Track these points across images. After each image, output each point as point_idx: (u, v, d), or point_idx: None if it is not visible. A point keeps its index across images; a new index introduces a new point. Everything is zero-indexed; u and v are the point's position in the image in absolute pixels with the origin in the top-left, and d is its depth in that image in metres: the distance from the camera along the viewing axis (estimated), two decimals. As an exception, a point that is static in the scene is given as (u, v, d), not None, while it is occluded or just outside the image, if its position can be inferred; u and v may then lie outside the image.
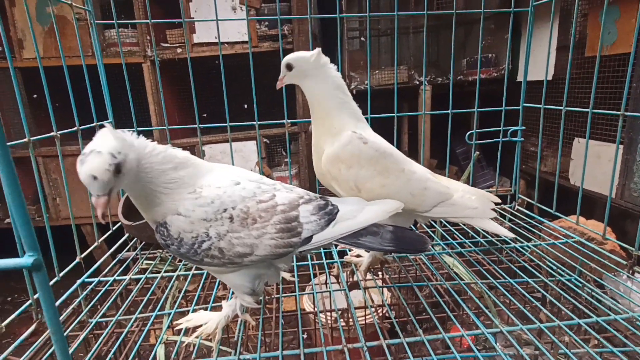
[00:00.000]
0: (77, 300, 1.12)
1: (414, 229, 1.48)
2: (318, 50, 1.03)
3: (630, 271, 1.12)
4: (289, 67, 1.03)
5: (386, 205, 0.90)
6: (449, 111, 1.54)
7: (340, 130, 1.03)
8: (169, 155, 0.79)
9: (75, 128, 1.19)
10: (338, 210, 0.87)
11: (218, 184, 0.82)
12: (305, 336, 1.13)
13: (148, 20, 1.36)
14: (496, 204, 1.12)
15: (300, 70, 1.03)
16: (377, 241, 0.85)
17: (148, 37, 3.15)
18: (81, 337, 1.01)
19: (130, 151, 0.70)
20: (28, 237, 0.30)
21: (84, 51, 1.35)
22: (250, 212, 0.81)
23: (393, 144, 1.14)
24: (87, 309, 1.09)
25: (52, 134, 1.05)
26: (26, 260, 0.29)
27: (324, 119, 1.05)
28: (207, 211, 0.79)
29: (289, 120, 1.46)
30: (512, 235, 1.15)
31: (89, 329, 1.03)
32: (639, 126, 2.31)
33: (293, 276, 1.20)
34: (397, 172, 1.04)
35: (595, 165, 2.62)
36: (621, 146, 2.44)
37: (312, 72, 1.02)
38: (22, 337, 0.90)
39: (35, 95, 3.36)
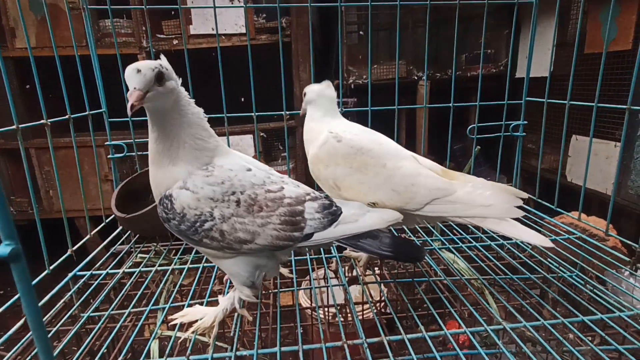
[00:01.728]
0: (69, 294, 1.09)
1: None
2: (327, 82, 1.17)
3: (634, 268, 1.10)
4: (304, 94, 1.19)
5: (387, 214, 0.90)
6: (450, 104, 1.52)
7: (319, 133, 1.09)
8: (203, 117, 0.85)
9: (67, 116, 1.15)
10: (341, 212, 0.86)
11: (230, 166, 0.83)
12: (301, 331, 1.10)
13: (143, 6, 1.32)
14: (523, 199, 0.92)
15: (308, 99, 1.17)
16: (376, 245, 0.85)
17: (143, 28, 3.09)
18: (72, 332, 0.98)
19: (174, 81, 0.78)
20: (5, 225, 0.27)
21: (77, 41, 1.32)
22: (258, 200, 0.81)
23: (393, 138, 1.12)
24: (78, 302, 1.05)
25: (42, 121, 1.02)
26: (2, 249, 0.26)
27: (307, 125, 1.15)
28: (216, 191, 0.78)
29: (287, 112, 1.43)
30: (550, 243, 0.89)
31: (80, 323, 1.01)
32: (637, 124, 2.31)
33: (291, 272, 1.17)
34: (377, 167, 0.99)
35: (592, 162, 2.61)
36: (618, 144, 2.44)
37: (313, 99, 1.16)
38: (10, 332, 0.87)
39: (28, 86, 3.30)
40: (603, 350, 0.80)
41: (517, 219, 0.90)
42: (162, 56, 0.79)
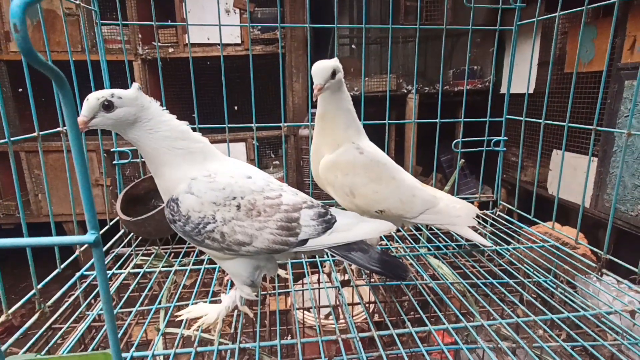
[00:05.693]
0: (77, 292, 1.14)
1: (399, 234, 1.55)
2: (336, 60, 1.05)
3: (599, 273, 1.21)
4: (334, 73, 1.01)
5: (380, 225, 0.95)
6: (437, 120, 1.62)
7: (342, 143, 1.12)
8: (181, 130, 0.88)
9: (58, 129, 1.21)
10: (336, 221, 0.92)
11: (231, 173, 0.89)
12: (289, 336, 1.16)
13: (153, 22, 1.39)
14: (477, 214, 1.21)
15: (339, 79, 1.05)
16: (366, 259, 0.90)
17: (139, 35, 3.16)
18: (80, 330, 1.02)
19: (131, 105, 0.82)
20: (91, 217, 0.35)
21: (72, 47, 1.37)
22: (257, 205, 0.87)
23: (384, 150, 1.22)
24: (86, 302, 1.11)
25: (34, 134, 1.05)
26: (89, 237, 0.34)
27: (330, 130, 1.12)
28: (218, 196, 0.85)
29: (285, 124, 1.51)
30: (488, 244, 1.25)
31: (87, 321, 1.05)
32: (613, 141, 2.45)
33: (287, 273, 1.25)
34: (389, 179, 1.13)
35: (571, 176, 2.76)
36: (596, 159, 2.58)
37: (342, 83, 1.07)
38: (25, 327, 0.92)
39: (20, 89, 3.31)
40: (571, 347, 0.89)
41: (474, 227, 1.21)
42: (135, 84, 0.85)
